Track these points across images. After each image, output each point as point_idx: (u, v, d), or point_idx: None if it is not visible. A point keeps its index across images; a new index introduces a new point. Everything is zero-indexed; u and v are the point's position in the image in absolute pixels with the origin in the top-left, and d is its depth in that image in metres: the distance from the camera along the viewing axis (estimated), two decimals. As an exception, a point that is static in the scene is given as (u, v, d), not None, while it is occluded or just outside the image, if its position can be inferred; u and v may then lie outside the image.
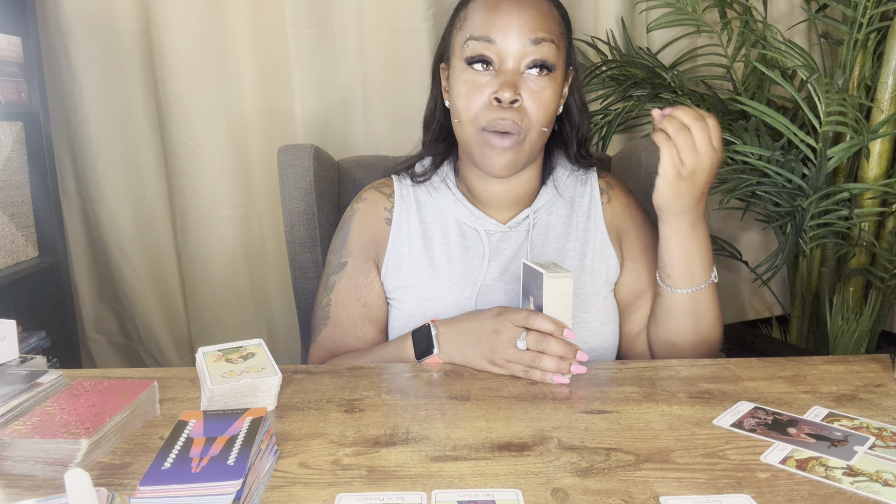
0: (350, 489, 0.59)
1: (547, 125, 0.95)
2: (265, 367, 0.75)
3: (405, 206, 1.04)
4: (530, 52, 0.90)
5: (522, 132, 0.92)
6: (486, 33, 0.91)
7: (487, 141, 0.92)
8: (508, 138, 0.92)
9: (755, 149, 1.38)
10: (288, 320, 1.85)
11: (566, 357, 0.81)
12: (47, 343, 1.73)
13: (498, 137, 0.91)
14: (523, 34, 0.90)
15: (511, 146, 0.92)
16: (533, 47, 0.90)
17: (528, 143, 0.93)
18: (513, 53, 0.90)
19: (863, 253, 1.52)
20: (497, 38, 0.90)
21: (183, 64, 1.69)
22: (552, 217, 1.04)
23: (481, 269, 0.99)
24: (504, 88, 0.89)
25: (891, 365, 0.86)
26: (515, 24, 0.90)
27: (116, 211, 1.80)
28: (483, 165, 0.95)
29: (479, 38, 0.91)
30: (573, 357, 0.81)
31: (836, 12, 1.65)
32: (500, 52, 0.91)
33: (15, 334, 0.83)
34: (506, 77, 0.90)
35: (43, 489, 0.60)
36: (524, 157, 0.95)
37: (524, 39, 0.90)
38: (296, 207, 1.19)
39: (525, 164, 0.97)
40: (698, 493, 0.58)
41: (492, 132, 0.92)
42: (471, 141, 0.95)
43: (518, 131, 0.91)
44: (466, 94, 0.93)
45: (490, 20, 0.91)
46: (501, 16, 0.91)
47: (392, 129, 1.71)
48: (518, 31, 0.90)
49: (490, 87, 0.91)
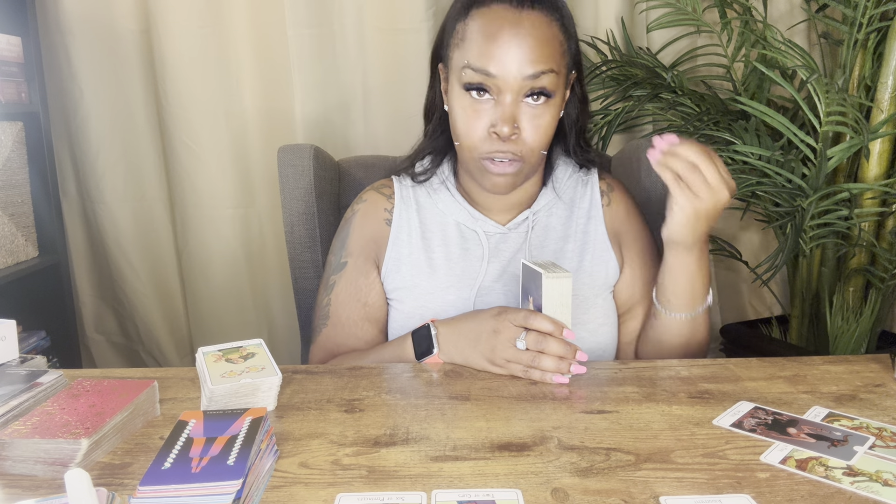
0: (350, 489, 0.59)
1: (545, 147, 0.95)
2: (265, 367, 0.75)
3: (405, 207, 1.04)
4: (528, 84, 0.89)
5: (522, 160, 0.92)
6: (483, 66, 0.89)
7: (487, 168, 0.93)
8: (508, 166, 0.92)
9: (755, 149, 1.38)
10: (288, 320, 1.85)
11: (566, 357, 0.81)
12: (47, 343, 1.73)
13: (497, 166, 0.92)
14: (522, 68, 0.88)
15: (511, 172, 0.93)
16: (531, 81, 0.89)
17: (526, 166, 0.94)
18: (511, 87, 0.89)
19: (863, 253, 1.52)
20: (494, 70, 0.88)
21: (183, 64, 1.69)
22: (551, 218, 1.04)
23: (480, 270, 0.99)
24: (503, 123, 0.89)
25: (891, 365, 0.86)
26: (514, 57, 0.88)
27: (116, 211, 1.80)
28: (483, 185, 0.96)
29: (476, 69, 0.89)
30: (573, 357, 0.81)
31: (836, 12, 1.65)
32: (498, 84, 0.89)
33: (15, 334, 0.83)
34: (503, 110, 0.89)
35: (43, 489, 0.60)
36: (523, 178, 0.97)
37: (522, 74, 0.88)
38: (296, 207, 1.19)
39: (525, 180, 0.98)
40: (698, 493, 0.58)
41: (490, 161, 0.92)
42: (470, 164, 0.96)
43: (517, 159, 0.92)
44: (465, 120, 0.92)
45: (488, 51, 0.88)
46: (500, 47, 0.88)
47: (392, 129, 1.71)
48: (517, 66, 0.88)
49: (488, 116, 0.91)
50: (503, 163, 0.92)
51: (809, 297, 1.63)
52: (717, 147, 1.51)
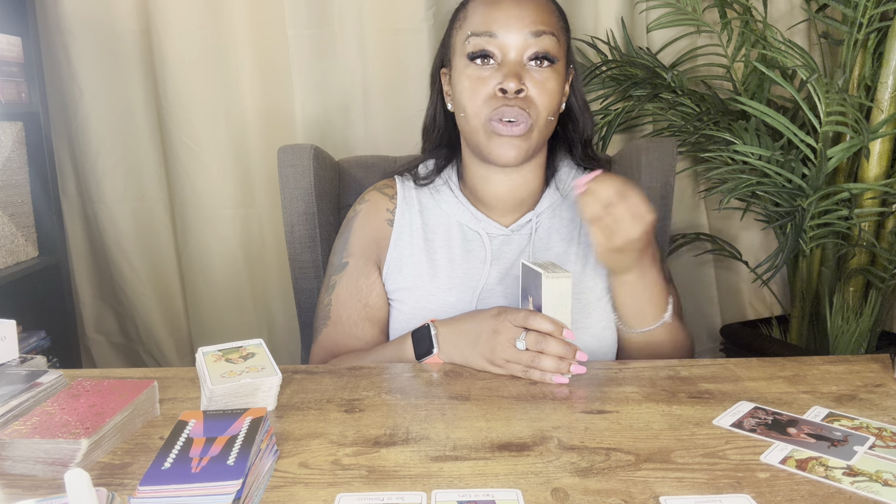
0: (350, 489, 0.59)
1: (553, 114, 0.95)
2: (265, 367, 0.75)
3: (407, 207, 1.04)
4: (532, 43, 0.91)
5: (531, 119, 0.92)
6: (487, 28, 0.92)
7: (496, 130, 0.92)
8: (517, 126, 0.91)
9: (755, 149, 1.38)
10: (288, 320, 1.85)
11: (565, 357, 0.81)
12: (47, 343, 1.73)
13: (506, 126, 0.91)
14: (524, 26, 0.91)
15: (520, 133, 0.92)
16: (534, 39, 0.91)
17: (536, 131, 0.94)
18: (515, 45, 0.91)
19: (863, 253, 1.52)
20: (498, 31, 0.91)
21: (183, 64, 1.68)
22: (555, 221, 1.03)
23: (482, 272, 0.99)
24: (508, 79, 0.90)
25: (891, 365, 0.86)
26: (516, 16, 0.91)
27: (116, 211, 1.80)
28: (491, 154, 0.94)
29: (480, 33, 0.92)
30: (573, 357, 0.81)
31: (836, 12, 1.65)
32: (502, 46, 0.91)
33: (15, 334, 0.83)
34: (509, 68, 0.91)
35: (43, 489, 0.60)
36: (533, 146, 0.95)
37: (525, 32, 0.91)
38: (296, 207, 1.19)
39: (533, 154, 0.97)
40: (698, 493, 0.58)
41: (499, 121, 0.92)
42: (477, 133, 0.94)
43: (526, 119, 0.91)
44: (470, 88, 0.93)
45: (490, 15, 0.92)
46: (501, 10, 0.91)
47: (392, 129, 1.71)
48: (519, 24, 0.91)
49: (494, 79, 0.92)
50: (512, 123, 0.91)
51: (809, 297, 1.63)
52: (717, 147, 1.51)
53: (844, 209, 1.44)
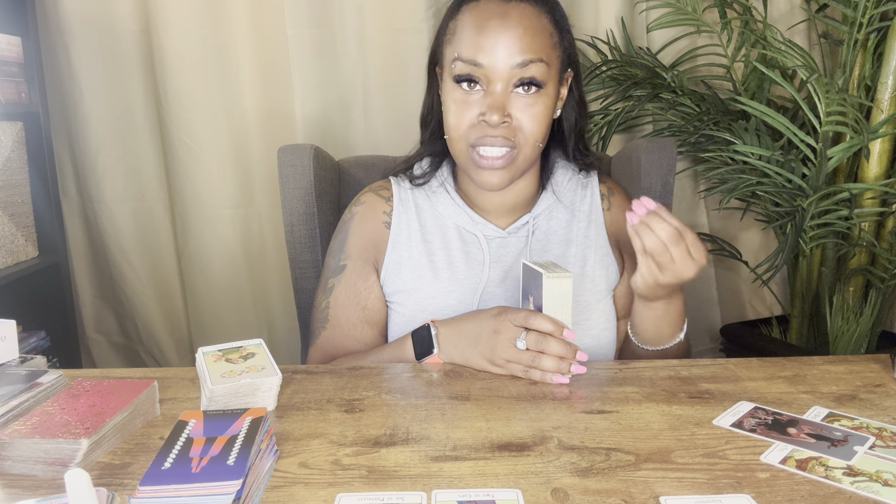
0: (350, 489, 0.59)
1: (542, 140, 0.94)
2: (265, 367, 0.75)
3: (404, 209, 1.03)
4: (517, 73, 0.89)
5: (516, 147, 0.91)
6: (472, 56, 0.89)
7: (478, 160, 0.91)
8: (500, 159, 0.91)
9: (755, 149, 1.38)
10: (288, 320, 1.85)
11: (566, 357, 0.81)
12: (47, 343, 1.73)
13: (487, 160, 0.91)
14: (511, 56, 0.88)
15: (503, 164, 0.91)
16: (520, 70, 0.89)
17: (521, 157, 0.93)
18: (500, 76, 0.89)
19: (863, 253, 1.52)
20: (484, 61, 0.89)
21: (183, 64, 1.69)
22: (553, 222, 1.03)
23: (483, 275, 0.99)
24: (492, 111, 0.89)
25: (891, 365, 0.86)
26: (503, 46, 0.88)
27: (116, 211, 1.80)
28: (475, 180, 0.95)
29: (465, 59, 0.90)
30: (573, 357, 0.81)
31: (836, 12, 1.65)
32: (488, 74, 0.89)
33: (15, 334, 0.83)
34: (494, 98, 0.89)
35: (43, 489, 0.60)
36: (518, 171, 0.95)
37: (511, 62, 0.88)
38: (296, 207, 1.19)
39: (521, 175, 0.97)
40: (698, 493, 0.58)
41: (481, 149, 0.91)
42: (462, 157, 0.94)
43: (510, 147, 0.91)
44: (455, 112, 0.92)
45: (477, 41, 0.89)
46: (488, 37, 0.88)
47: (392, 129, 1.71)
48: (505, 54, 0.88)
49: (478, 106, 0.90)
50: (493, 150, 0.90)
51: (809, 297, 1.63)
52: (717, 147, 1.51)
53: (844, 209, 1.44)
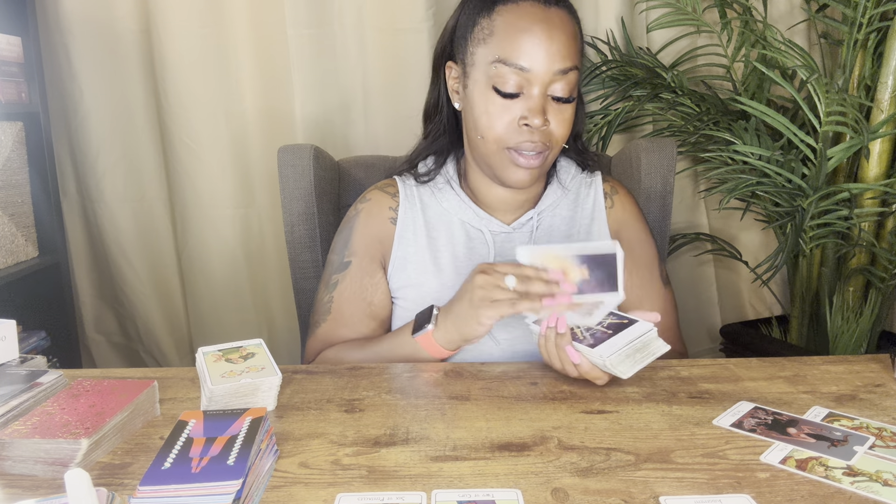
0: (350, 489, 0.59)
1: (567, 141, 0.97)
2: (265, 367, 0.75)
3: (410, 205, 1.04)
4: (557, 80, 0.91)
5: (548, 150, 0.94)
6: (517, 60, 0.90)
7: (515, 160, 0.93)
8: (536, 159, 0.93)
9: (755, 149, 1.38)
10: (288, 320, 1.85)
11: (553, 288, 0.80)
12: (47, 343, 1.73)
13: (526, 159, 0.93)
14: (554, 63, 0.90)
15: (538, 164, 0.94)
16: (561, 76, 0.91)
17: (550, 158, 0.96)
18: (542, 81, 0.90)
19: (863, 253, 1.52)
20: (528, 64, 0.90)
21: (183, 64, 1.68)
22: (556, 219, 1.04)
23: None
24: (534, 115, 0.90)
25: (891, 365, 0.86)
26: (547, 50, 0.89)
27: (116, 211, 1.80)
28: (506, 179, 0.96)
29: (509, 63, 0.90)
30: (559, 289, 0.80)
31: (836, 12, 1.65)
32: (530, 78, 0.90)
33: (15, 334, 0.83)
34: (535, 102, 0.91)
35: (43, 489, 0.60)
36: (545, 170, 0.98)
37: (554, 68, 0.90)
38: (296, 207, 1.19)
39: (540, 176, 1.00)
40: (698, 493, 0.58)
41: (519, 153, 0.93)
42: (493, 157, 0.95)
43: (544, 150, 0.93)
44: (494, 114, 0.93)
45: (522, 45, 0.89)
46: (534, 41, 0.89)
47: (392, 129, 1.71)
48: (549, 60, 0.89)
49: (517, 109, 0.92)
50: (531, 155, 0.93)
51: (809, 297, 1.63)
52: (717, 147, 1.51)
53: (844, 209, 1.44)
